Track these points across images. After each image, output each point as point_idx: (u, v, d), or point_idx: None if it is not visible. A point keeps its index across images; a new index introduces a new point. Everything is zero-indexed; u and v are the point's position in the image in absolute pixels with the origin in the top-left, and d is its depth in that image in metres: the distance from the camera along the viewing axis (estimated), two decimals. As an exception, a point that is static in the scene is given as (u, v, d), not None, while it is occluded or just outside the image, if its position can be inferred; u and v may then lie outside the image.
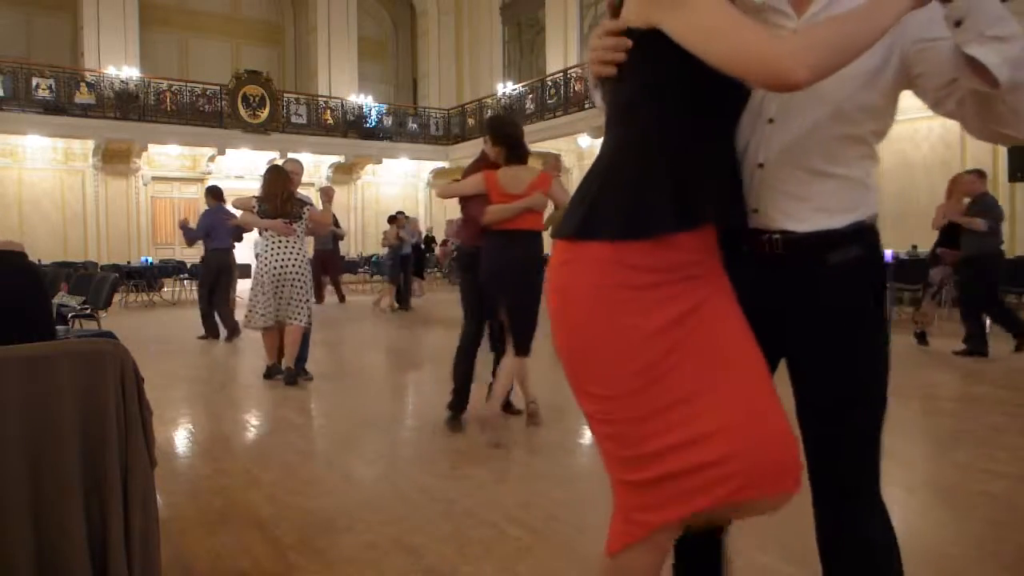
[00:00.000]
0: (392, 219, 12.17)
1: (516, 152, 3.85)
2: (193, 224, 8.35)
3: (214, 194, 8.17)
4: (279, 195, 5.28)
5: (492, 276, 3.81)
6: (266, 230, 5.27)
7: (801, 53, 1.04)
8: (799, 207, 1.27)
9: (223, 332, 8.00)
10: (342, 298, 12.67)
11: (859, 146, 1.27)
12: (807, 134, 1.25)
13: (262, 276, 5.20)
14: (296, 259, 5.26)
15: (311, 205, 5.67)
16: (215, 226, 7.90)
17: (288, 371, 5.30)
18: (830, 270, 1.27)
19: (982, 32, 1.04)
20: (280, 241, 5.23)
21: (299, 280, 5.24)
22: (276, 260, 5.20)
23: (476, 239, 3.92)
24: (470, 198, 3.94)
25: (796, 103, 1.24)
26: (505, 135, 3.88)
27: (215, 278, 7.97)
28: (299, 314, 5.26)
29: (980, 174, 6.44)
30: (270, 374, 5.45)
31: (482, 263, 3.84)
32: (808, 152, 1.26)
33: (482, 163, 3.97)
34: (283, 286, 5.21)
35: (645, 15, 1.18)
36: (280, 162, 17.44)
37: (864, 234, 1.28)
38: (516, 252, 3.77)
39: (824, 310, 1.27)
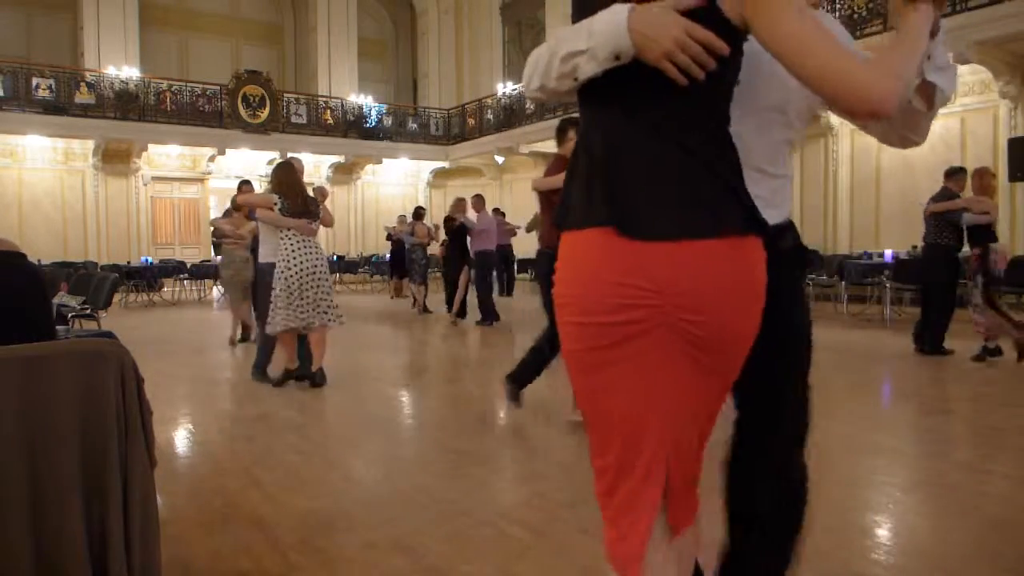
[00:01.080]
0: (418, 215, 11.59)
1: None
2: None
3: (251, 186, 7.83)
4: (300, 192, 5.22)
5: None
6: (288, 229, 5.08)
7: (887, 82, 1.05)
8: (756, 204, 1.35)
9: (228, 336, 7.87)
10: None
11: (790, 148, 1.47)
12: (757, 138, 1.39)
13: (289, 277, 5.01)
14: (323, 258, 5.19)
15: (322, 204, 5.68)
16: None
17: (320, 372, 5.25)
18: (781, 256, 1.37)
19: (939, 64, 1.30)
20: (305, 241, 5.09)
21: (326, 280, 5.18)
22: (305, 260, 5.05)
23: (553, 240, 3.85)
24: (556, 193, 3.83)
25: (751, 110, 1.35)
26: None
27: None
28: (328, 315, 5.18)
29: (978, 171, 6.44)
30: (288, 378, 5.30)
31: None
32: (757, 154, 1.39)
33: (555, 165, 4.14)
34: (310, 287, 5.06)
35: (741, 12, 1.12)
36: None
37: (792, 224, 1.51)
38: None
39: (776, 291, 1.32)
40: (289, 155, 18.26)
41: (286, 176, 5.26)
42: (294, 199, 5.12)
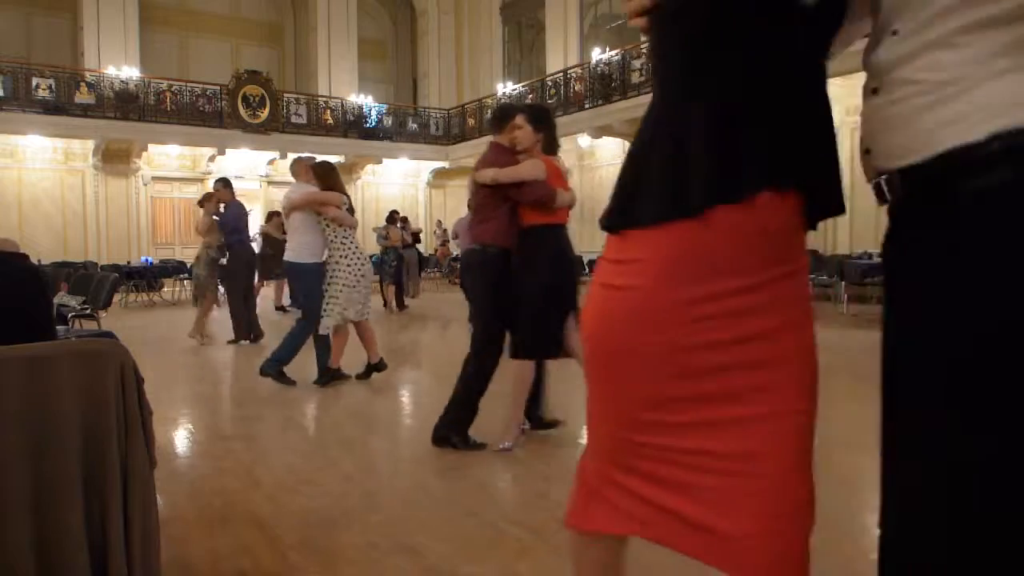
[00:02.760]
0: (393, 219, 12.01)
1: (554, 142, 3.72)
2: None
3: (229, 185, 7.88)
4: (344, 192, 5.34)
5: (566, 274, 3.61)
6: (342, 227, 5.18)
7: None
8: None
9: (223, 336, 7.86)
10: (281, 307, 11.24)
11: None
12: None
13: (355, 273, 5.12)
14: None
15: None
16: (242, 218, 7.70)
17: (381, 362, 5.40)
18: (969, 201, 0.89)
19: None
20: (355, 238, 5.29)
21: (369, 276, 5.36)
22: (363, 256, 5.27)
23: (509, 238, 3.58)
24: (515, 187, 3.50)
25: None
26: (551, 123, 3.71)
27: (248, 274, 7.79)
28: (369, 309, 5.32)
29: None
30: (337, 376, 5.31)
31: (547, 261, 3.54)
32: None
33: (502, 155, 3.61)
34: (364, 282, 5.21)
35: None
36: (280, 162, 17.32)
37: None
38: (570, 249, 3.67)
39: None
40: (290, 155, 18.36)
41: (337, 176, 5.40)
42: (348, 199, 5.34)
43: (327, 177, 5.30)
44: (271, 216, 11.36)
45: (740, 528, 1.08)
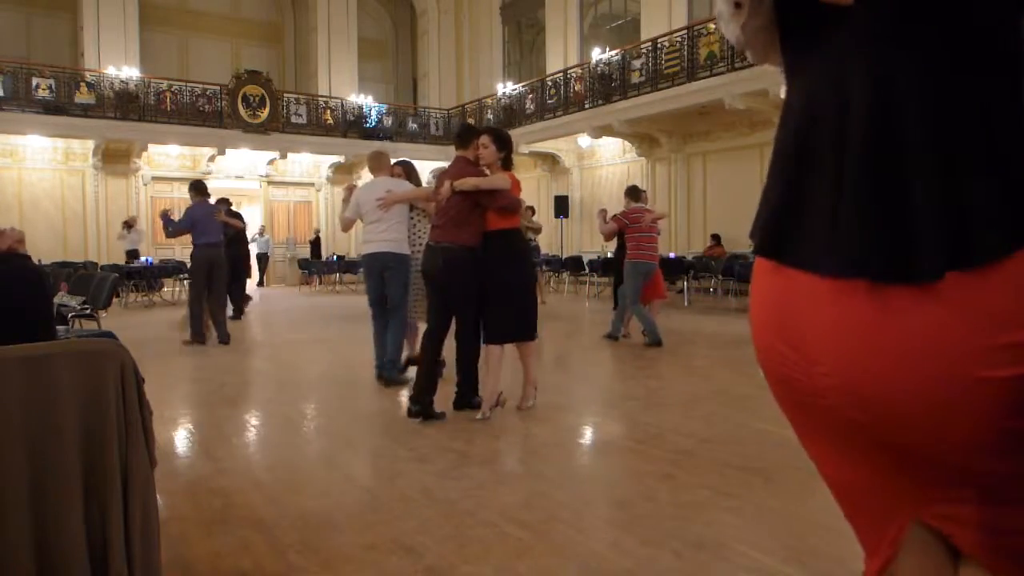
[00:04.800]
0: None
1: (510, 160, 4.39)
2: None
3: (198, 189, 7.81)
4: None
5: (531, 267, 4.51)
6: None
7: None
8: None
9: (213, 337, 7.68)
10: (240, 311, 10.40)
11: None
12: None
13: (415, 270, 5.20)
14: None
15: None
16: (202, 220, 7.55)
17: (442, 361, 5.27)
18: None
19: None
20: None
21: None
22: None
23: (478, 237, 4.20)
24: (488, 194, 4.15)
25: None
26: (511, 146, 4.37)
27: (207, 275, 7.54)
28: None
29: None
30: (412, 364, 5.32)
31: (520, 260, 4.29)
32: None
33: (469, 167, 4.27)
34: None
35: None
36: (280, 162, 17.27)
37: None
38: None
39: None
40: (290, 156, 18.26)
41: (415, 172, 5.61)
42: None
43: (413, 175, 5.59)
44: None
45: None
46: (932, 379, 0.76)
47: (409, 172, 5.57)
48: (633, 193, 7.51)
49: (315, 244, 19.15)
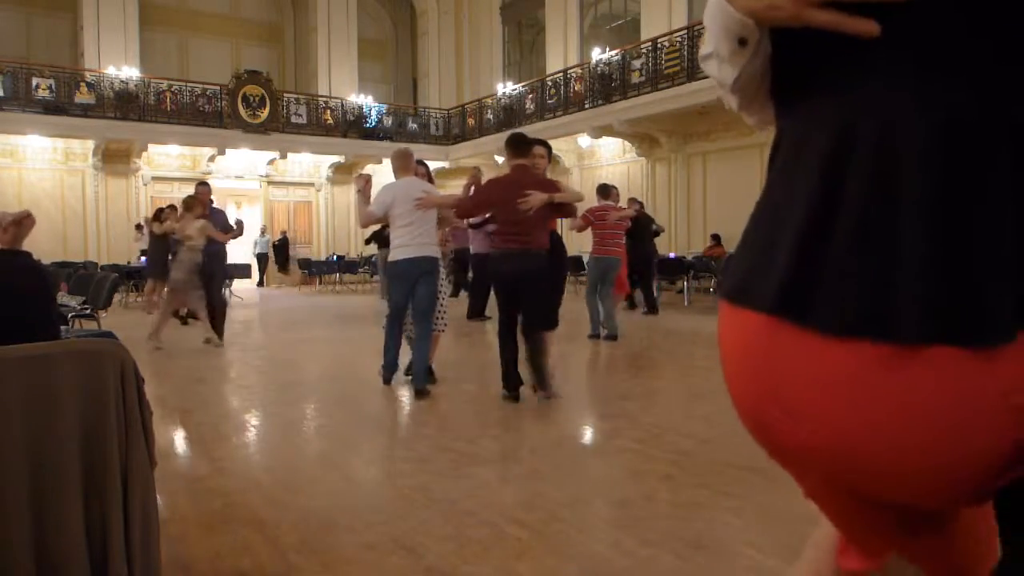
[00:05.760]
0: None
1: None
2: None
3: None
4: None
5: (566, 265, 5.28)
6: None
7: None
8: None
9: (214, 338, 7.55)
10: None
11: None
12: None
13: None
14: None
15: None
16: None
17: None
18: None
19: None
20: None
21: None
22: None
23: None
24: (566, 204, 4.68)
25: None
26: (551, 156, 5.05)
27: (212, 273, 7.52)
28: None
29: None
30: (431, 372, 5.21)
31: (562, 257, 5.08)
32: None
33: (530, 175, 4.63)
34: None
35: None
36: (280, 162, 17.20)
37: None
38: None
39: None
40: (290, 155, 18.22)
41: (431, 173, 5.66)
42: None
43: (429, 174, 5.62)
44: (160, 213, 10.15)
45: None
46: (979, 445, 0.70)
47: (428, 173, 5.50)
48: (603, 191, 7.82)
49: (282, 246, 18.96)
